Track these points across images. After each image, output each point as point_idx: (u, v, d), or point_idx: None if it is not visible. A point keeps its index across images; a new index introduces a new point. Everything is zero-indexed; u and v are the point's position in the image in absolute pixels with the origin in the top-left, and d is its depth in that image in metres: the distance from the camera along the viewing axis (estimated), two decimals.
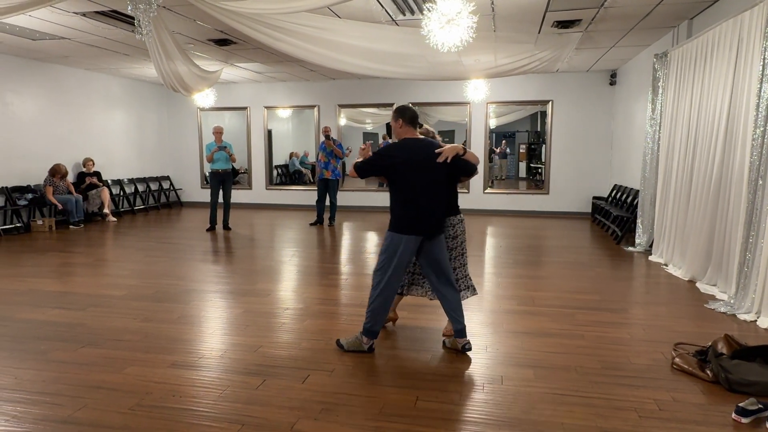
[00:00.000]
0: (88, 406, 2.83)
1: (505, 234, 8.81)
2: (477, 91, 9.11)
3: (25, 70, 9.08)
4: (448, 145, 3.48)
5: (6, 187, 8.73)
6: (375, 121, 14.11)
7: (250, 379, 3.19)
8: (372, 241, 8.25)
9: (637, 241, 7.27)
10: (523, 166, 15.30)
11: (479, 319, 4.33)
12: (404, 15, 6.14)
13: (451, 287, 3.55)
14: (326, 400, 2.90)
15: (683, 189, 5.97)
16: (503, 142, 15.17)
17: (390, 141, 11.71)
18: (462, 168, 3.49)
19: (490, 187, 11.47)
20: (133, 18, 5.37)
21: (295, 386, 3.08)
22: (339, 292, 5.25)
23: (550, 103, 10.76)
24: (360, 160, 3.54)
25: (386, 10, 5.99)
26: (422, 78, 8.55)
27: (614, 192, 9.51)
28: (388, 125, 12.18)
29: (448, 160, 3.37)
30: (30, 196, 8.99)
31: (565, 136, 10.79)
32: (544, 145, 11.39)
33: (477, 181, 11.25)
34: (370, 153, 3.59)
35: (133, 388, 3.04)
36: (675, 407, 2.83)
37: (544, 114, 11.46)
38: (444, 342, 3.73)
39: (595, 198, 10.42)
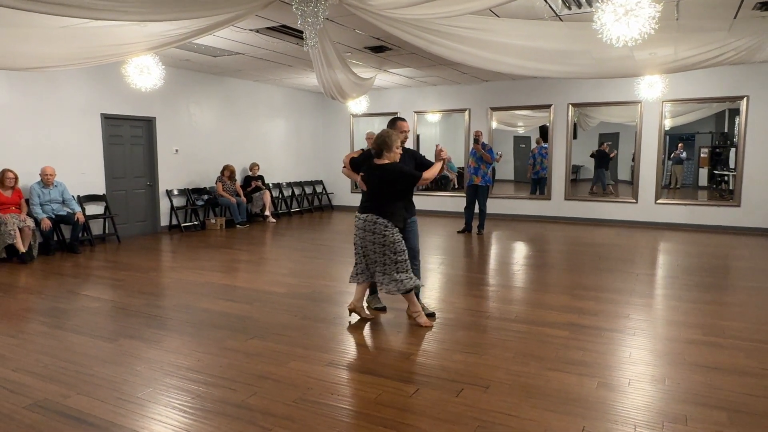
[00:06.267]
0: (258, 394, 3.02)
1: (683, 251, 7.71)
2: (652, 88, 8.10)
3: (204, 83, 10.30)
4: None
5: (187, 189, 10.01)
6: (527, 123, 13.41)
7: (404, 386, 3.14)
8: (521, 252, 7.83)
9: None
10: (704, 173, 13.30)
11: (652, 346, 3.80)
12: (570, 10, 5.71)
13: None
14: (482, 417, 2.73)
15: None
16: (679, 145, 13.34)
17: (545, 144, 11.10)
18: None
19: (664, 196, 10.18)
20: (300, 31, 5.75)
21: (450, 399, 2.95)
22: (489, 303, 5.02)
23: (745, 99, 9.18)
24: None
25: (550, 6, 5.62)
26: (586, 76, 7.89)
27: None
28: (541, 128, 11.60)
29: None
30: (206, 197, 10.19)
31: (764, 138, 9.15)
32: (733, 149, 9.79)
33: (647, 189, 10.10)
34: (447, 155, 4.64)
35: (295, 382, 3.18)
36: None
37: (734, 112, 9.85)
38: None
39: None
